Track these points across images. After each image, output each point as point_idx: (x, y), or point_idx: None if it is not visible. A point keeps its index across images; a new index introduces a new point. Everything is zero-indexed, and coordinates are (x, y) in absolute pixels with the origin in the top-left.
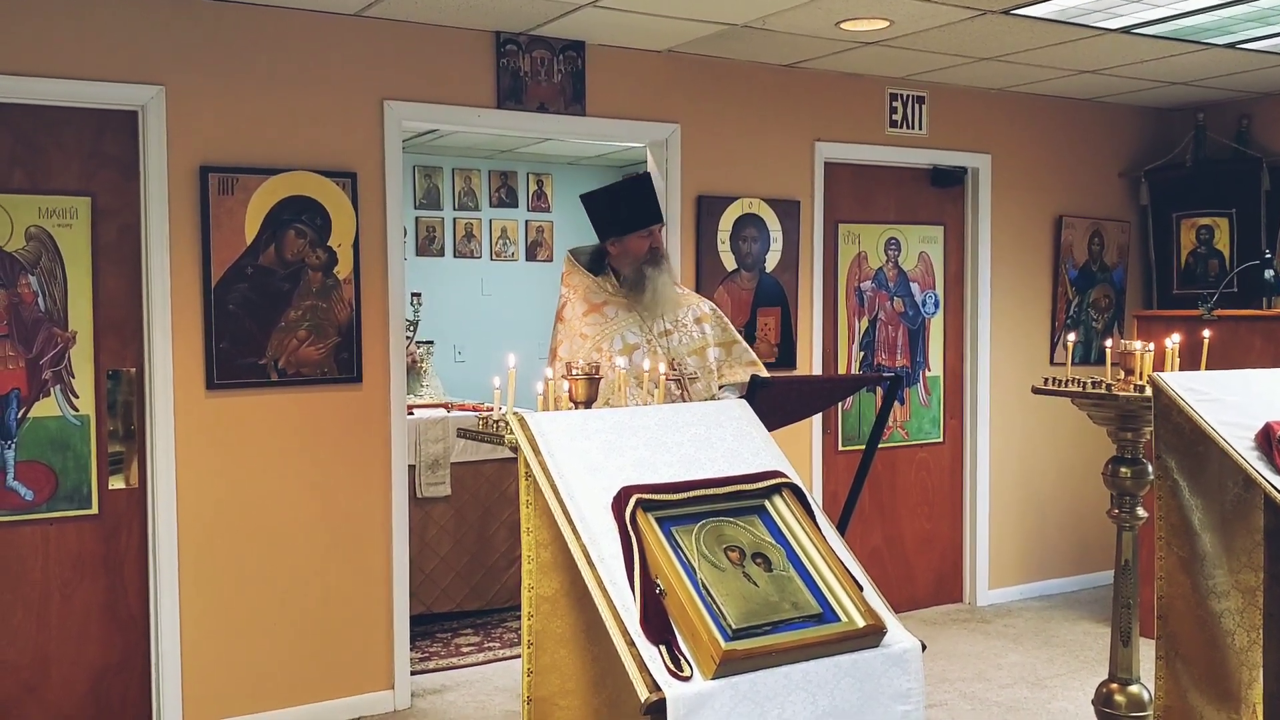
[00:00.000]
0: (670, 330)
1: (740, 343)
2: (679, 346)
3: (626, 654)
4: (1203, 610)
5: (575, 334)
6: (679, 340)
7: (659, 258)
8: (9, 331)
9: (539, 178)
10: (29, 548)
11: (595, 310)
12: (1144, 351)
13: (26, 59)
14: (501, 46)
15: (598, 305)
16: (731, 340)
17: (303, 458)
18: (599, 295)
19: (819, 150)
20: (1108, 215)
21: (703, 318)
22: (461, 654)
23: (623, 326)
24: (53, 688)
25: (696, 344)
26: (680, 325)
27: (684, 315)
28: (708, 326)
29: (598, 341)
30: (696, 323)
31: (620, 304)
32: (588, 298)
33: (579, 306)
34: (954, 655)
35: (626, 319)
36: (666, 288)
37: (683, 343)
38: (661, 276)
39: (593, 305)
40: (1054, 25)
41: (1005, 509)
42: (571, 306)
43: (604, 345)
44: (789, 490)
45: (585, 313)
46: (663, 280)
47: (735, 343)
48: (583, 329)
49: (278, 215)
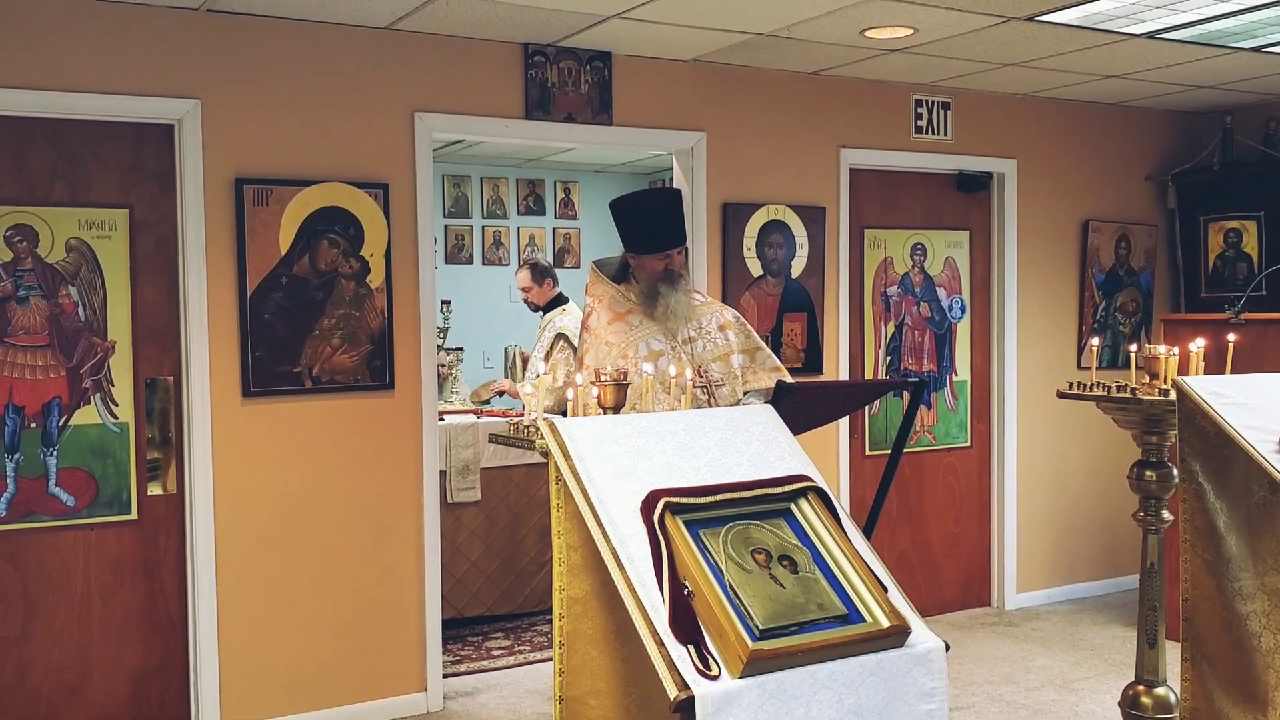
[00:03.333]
0: (694, 338)
1: (764, 349)
2: (703, 353)
3: (656, 654)
4: (1228, 613)
5: (601, 342)
6: (703, 347)
7: (674, 277)
8: (50, 341)
9: (566, 186)
10: (71, 553)
11: (620, 319)
12: (1168, 356)
13: (67, 75)
14: (530, 58)
15: (622, 314)
16: (755, 347)
17: (336, 464)
18: (623, 304)
19: (844, 156)
20: (1135, 219)
21: (726, 325)
22: (492, 657)
23: (647, 334)
24: (94, 689)
25: (720, 350)
26: (704, 332)
27: (707, 322)
28: (731, 334)
29: (623, 349)
30: (720, 329)
31: (643, 313)
32: (612, 307)
33: (604, 315)
34: (982, 659)
35: (651, 327)
36: (680, 305)
37: (706, 349)
38: (675, 295)
39: (617, 314)
40: (1079, 31)
41: (1033, 513)
42: (596, 315)
43: (629, 352)
44: (814, 494)
45: (610, 321)
46: (676, 298)
47: (759, 349)
48: (608, 337)
49: (312, 226)
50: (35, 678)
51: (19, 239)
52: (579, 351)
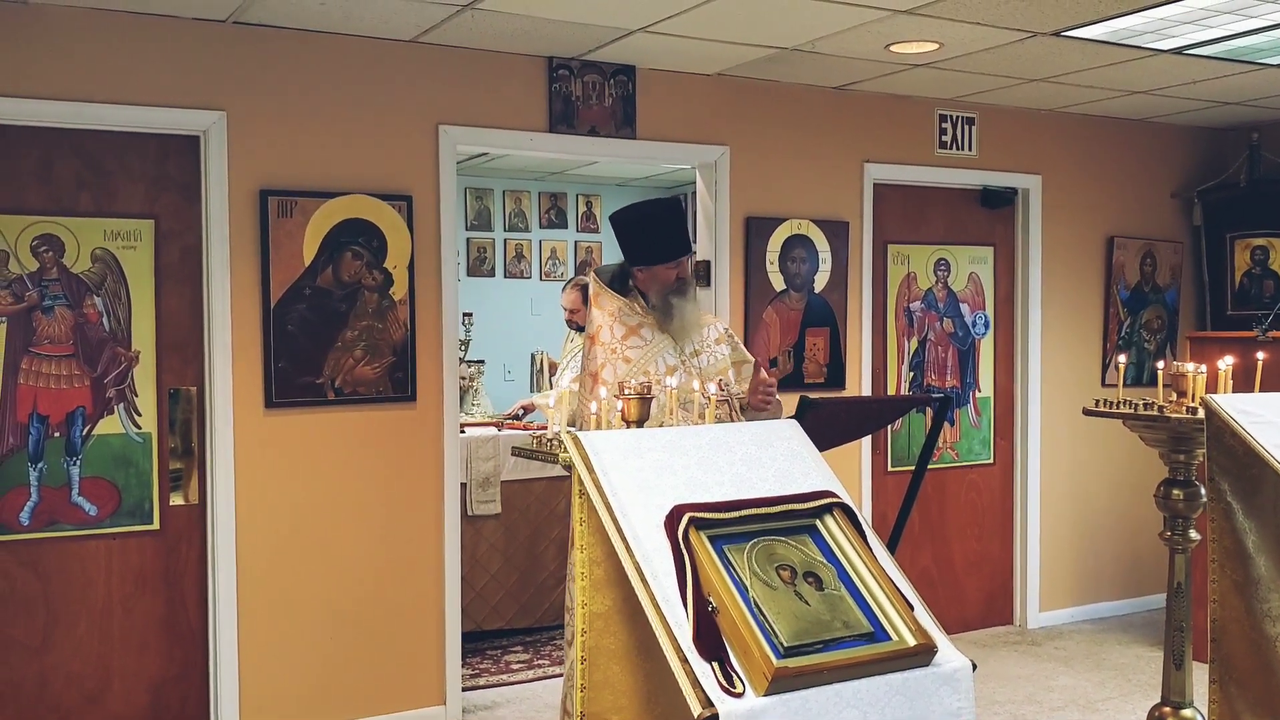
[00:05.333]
0: (699, 351)
1: (749, 362)
2: (708, 368)
3: (679, 670)
4: (1257, 634)
5: (619, 359)
6: (707, 361)
7: (685, 286)
8: (75, 351)
9: (588, 199)
10: (93, 562)
11: (633, 333)
12: (1196, 373)
13: (94, 86)
14: (554, 71)
15: (634, 328)
16: (742, 360)
17: (358, 475)
18: (632, 318)
19: (868, 171)
20: (1160, 236)
21: (720, 338)
22: (511, 671)
23: (660, 349)
24: (114, 698)
25: (720, 365)
26: (706, 346)
27: (707, 335)
28: (724, 347)
29: (643, 364)
30: (716, 343)
31: (652, 325)
32: (623, 320)
33: (617, 330)
34: (1004, 677)
35: (662, 340)
36: (694, 314)
37: (711, 364)
38: (688, 305)
39: (630, 328)
40: (1105, 46)
41: (1056, 531)
42: (608, 330)
43: (649, 368)
44: (840, 510)
45: (624, 336)
46: (690, 309)
47: (745, 362)
48: (625, 353)
49: (335, 237)
50: (56, 686)
51: (45, 249)
52: (588, 366)
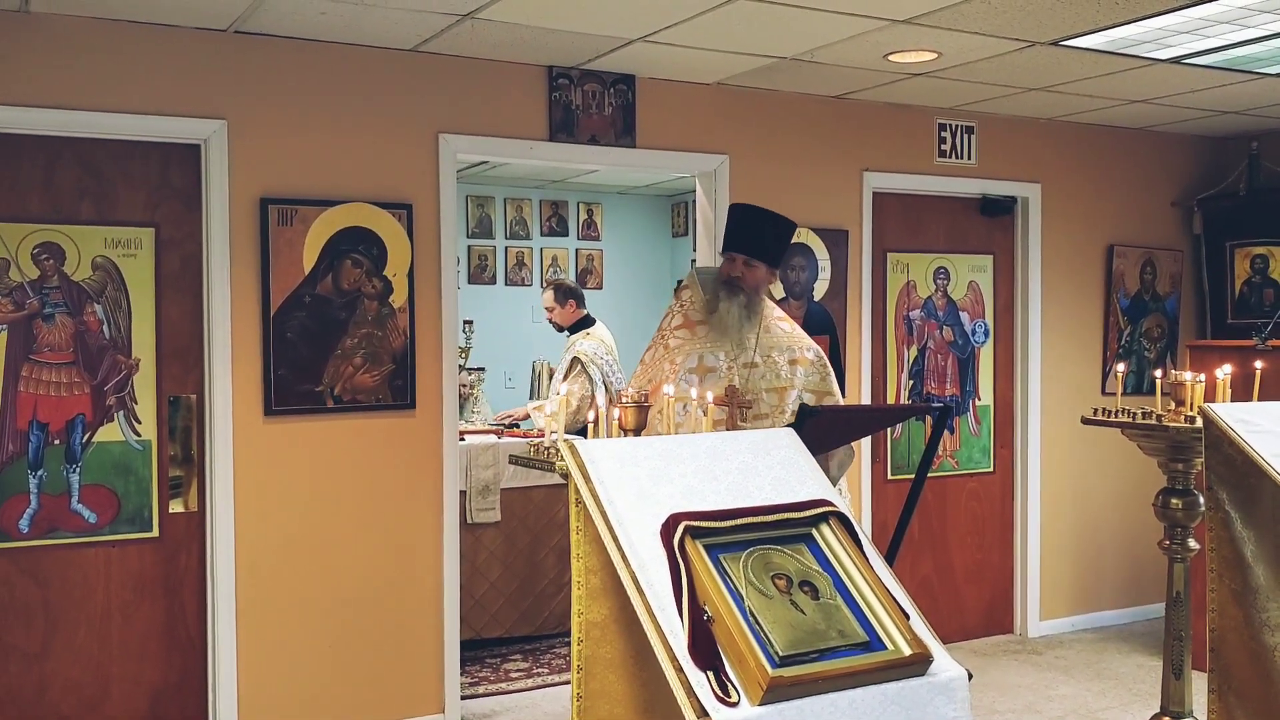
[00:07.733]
0: (757, 364)
1: (835, 396)
2: (758, 381)
3: (675, 680)
4: (1256, 644)
5: (661, 345)
6: (760, 374)
7: (736, 289)
8: (75, 358)
9: (589, 207)
10: (92, 569)
11: (688, 325)
12: (1194, 382)
13: (95, 95)
14: (554, 80)
15: (693, 321)
16: (826, 391)
17: (357, 483)
18: (697, 313)
19: (867, 180)
20: (1160, 244)
21: (799, 360)
22: (510, 679)
23: (706, 347)
24: (113, 706)
25: (778, 383)
26: (769, 361)
27: (779, 354)
28: (801, 370)
29: (673, 354)
30: (790, 364)
31: (709, 322)
32: (687, 312)
33: (676, 319)
34: (1004, 687)
35: (712, 339)
36: (733, 319)
37: (764, 378)
38: (733, 307)
39: (688, 320)
40: (1104, 56)
41: (1056, 539)
42: (671, 317)
43: (678, 359)
44: (836, 519)
45: (679, 326)
46: (732, 312)
47: (828, 394)
48: (670, 340)
49: (335, 245)
50: (55, 693)
51: (46, 257)
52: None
